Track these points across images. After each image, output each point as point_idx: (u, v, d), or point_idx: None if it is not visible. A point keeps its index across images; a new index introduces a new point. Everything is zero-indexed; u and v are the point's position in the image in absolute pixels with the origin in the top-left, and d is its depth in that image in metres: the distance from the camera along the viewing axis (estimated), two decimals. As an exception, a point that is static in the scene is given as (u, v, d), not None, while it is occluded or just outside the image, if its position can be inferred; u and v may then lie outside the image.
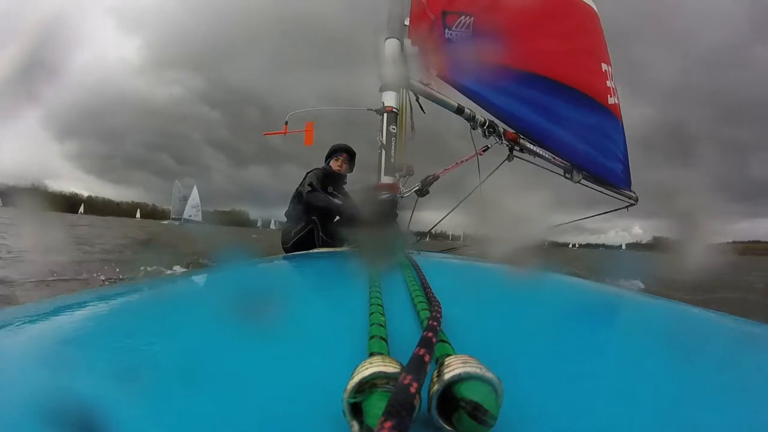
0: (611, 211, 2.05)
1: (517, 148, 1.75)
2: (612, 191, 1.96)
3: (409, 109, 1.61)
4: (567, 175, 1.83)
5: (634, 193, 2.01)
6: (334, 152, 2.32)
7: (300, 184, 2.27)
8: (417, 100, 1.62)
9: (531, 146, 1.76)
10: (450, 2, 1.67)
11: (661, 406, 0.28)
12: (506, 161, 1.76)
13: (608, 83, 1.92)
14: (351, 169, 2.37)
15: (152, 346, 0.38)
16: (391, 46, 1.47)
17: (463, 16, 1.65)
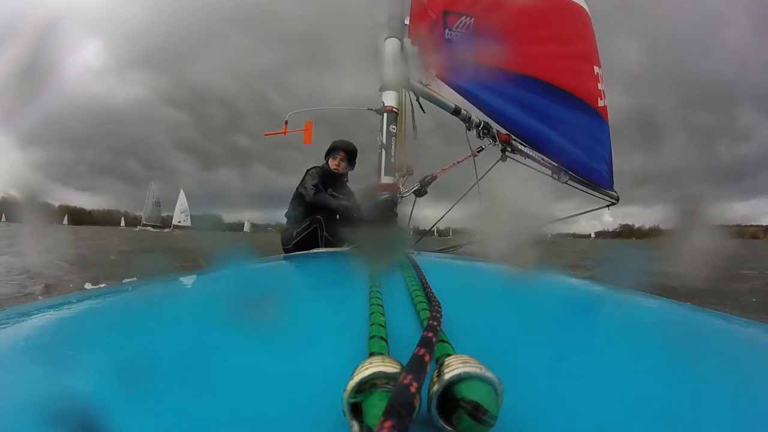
0: (595, 210, 2.13)
1: (509, 150, 1.80)
2: (596, 191, 2.03)
3: (410, 109, 1.62)
4: (555, 175, 1.89)
5: (616, 192, 2.09)
6: (331, 151, 2.22)
7: (300, 184, 2.23)
8: (417, 100, 1.62)
9: (522, 148, 1.81)
10: (451, 2, 1.68)
11: (662, 407, 0.28)
12: (500, 162, 1.81)
13: (599, 86, 1.98)
14: (351, 167, 2.25)
15: (152, 346, 0.38)
16: (391, 45, 1.47)
17: (464, 17, 1.66)
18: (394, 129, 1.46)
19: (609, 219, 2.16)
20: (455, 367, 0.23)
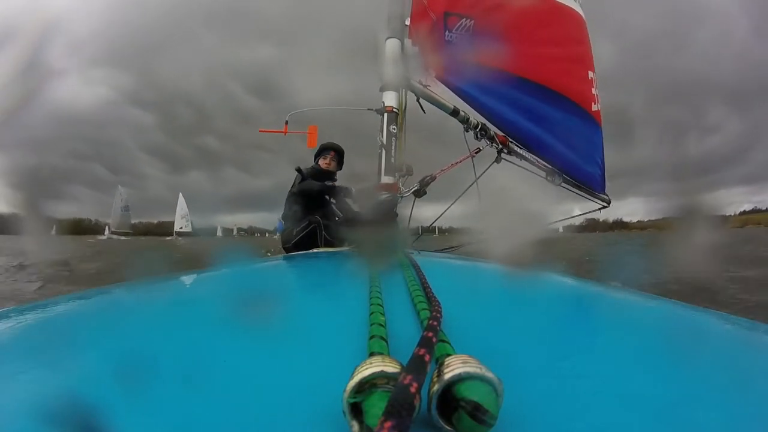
0: (588, 213, 2.17)
1: (505, 151, 1.84)
2: (588, 194, 2.07)
3: (407, 108, 1.64)
4: (548, 177, 1.92)
5: (607, 195, 2.14)
6: (322, 151, 2.38)
7: (292, 186, 2.31)
8: (417, 100, 1.63)
9: (518, 149, 1.86)
10: (452, 4, 1.68)
11: (661, 407, 0.28)
12: (494, 163, 1.85)
13: (593, 91, 2.02)
14: (340, 167, 2.44)
15: (152, 346, 0.38)
16: (391, 45, 1.47)
17: (465, 19, 1.67)
18: (394, 129, 1.46)
19: (577, 213, 2.21)
20: (455, 367, 0.23)
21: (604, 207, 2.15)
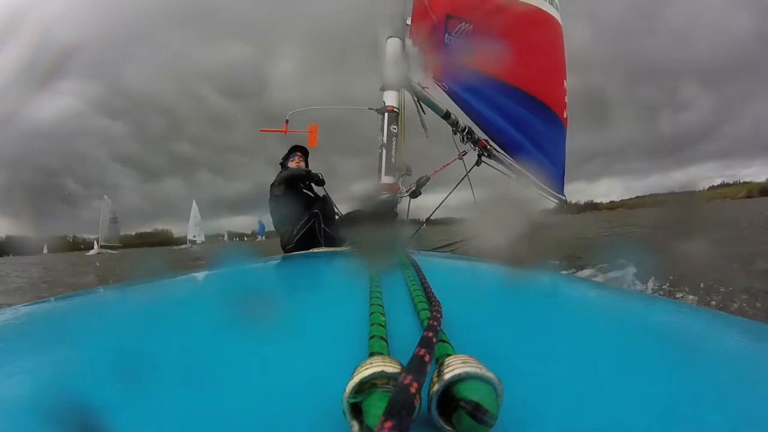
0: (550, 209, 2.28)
1: (485, 155, 1.96)
2: (550, 194, 2.20)
3: (416, 108, 1.67)
4: (519, 179, 2.02)
5: (565, 196, 2.31)
6: (289, 153, 2.48)
7: (270, 195, 2.33)
8: (417, 101, 1.63)
9: (496, 153, 1.97)
10: (454, 7, 1.70)
11: (662, 407, 0.28)
12: (475, 166, 1.95)
13: (566, 98, 2.15)
14: (306, 165, 2.55)
15: (152, 346, 0.38)
16: (392, 45, 1.47)
17: (464, 23, 1.70)
18: (394, 129, 1.46)
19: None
20: (455, 367, 0.23)
21: (561, 206, 2.29)
